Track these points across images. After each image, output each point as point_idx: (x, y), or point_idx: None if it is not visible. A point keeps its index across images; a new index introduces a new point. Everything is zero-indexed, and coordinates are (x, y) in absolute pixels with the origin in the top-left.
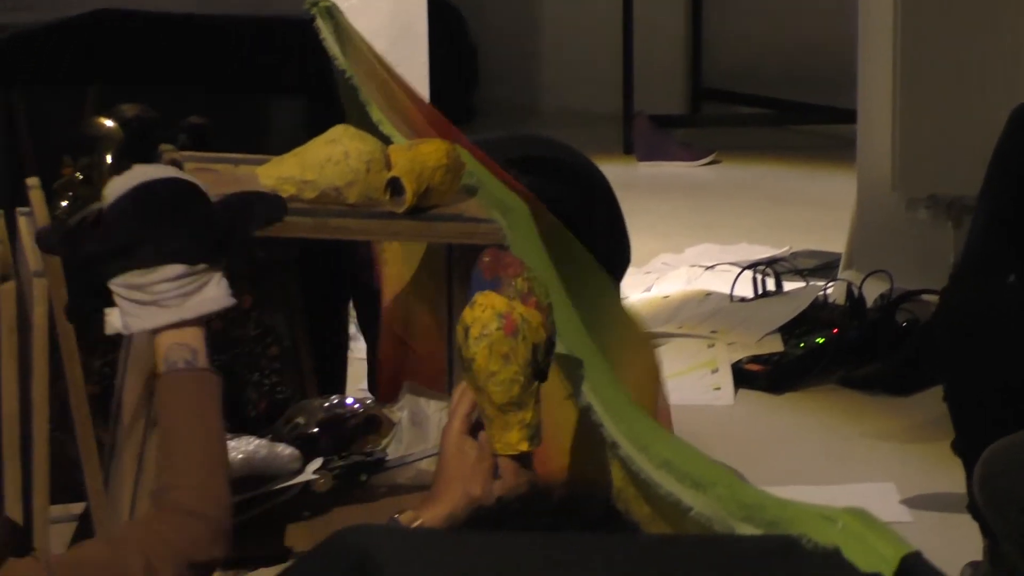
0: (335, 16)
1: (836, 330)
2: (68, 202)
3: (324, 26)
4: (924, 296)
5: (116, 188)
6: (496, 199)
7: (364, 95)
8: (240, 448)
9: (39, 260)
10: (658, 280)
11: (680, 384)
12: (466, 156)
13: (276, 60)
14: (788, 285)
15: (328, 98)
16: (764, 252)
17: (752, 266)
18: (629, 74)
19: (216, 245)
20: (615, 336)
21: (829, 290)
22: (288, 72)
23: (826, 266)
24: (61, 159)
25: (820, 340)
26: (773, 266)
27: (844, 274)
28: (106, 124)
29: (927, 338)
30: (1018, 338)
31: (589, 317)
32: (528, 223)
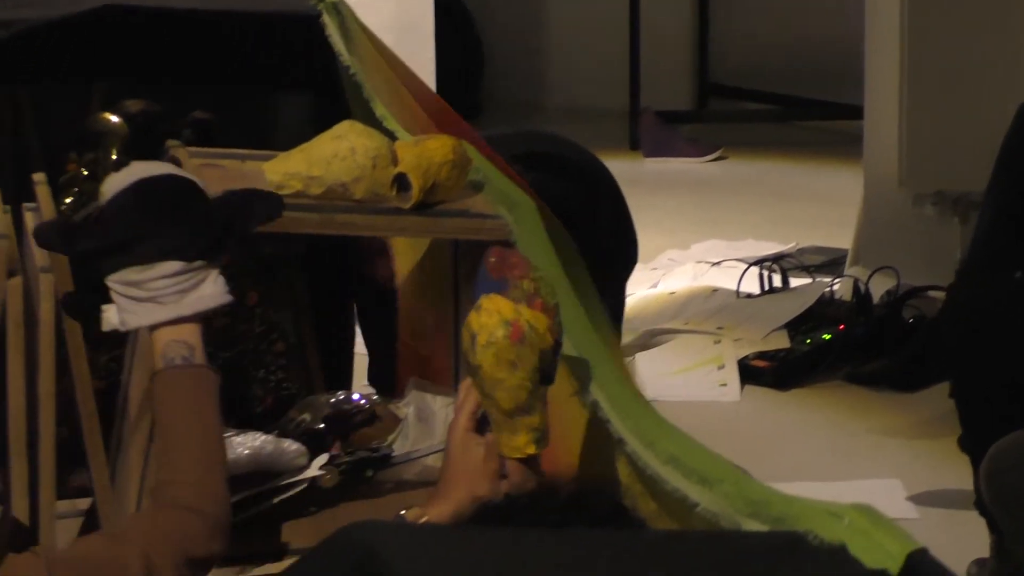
0: (342, 12)
1: (842, 326)
2: (73, 198)
3: (330, 22)
4: (931, 292)
5: (114, 185)
6: (502, 194)
7: (368, 91)
8: (246, 444)
9: (46, 256)
10: (664, 276)
11: (686, 380)
12: (472, 152)
13: (282, 56)
14: (795, 281)
15: (334, 94)
16: (770, 248)
17: (758, 262)
18: (635, 70)
19: (213, 242)
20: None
21: (835, 286)
22: (294, 68)
23: (832, 262)
24: (66, 155)
25: (826, 336)
26: (779, 262)
27: (851, 270)
28: (111, 120)
29: (934, 334)
30: None
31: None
32: (534, 218)
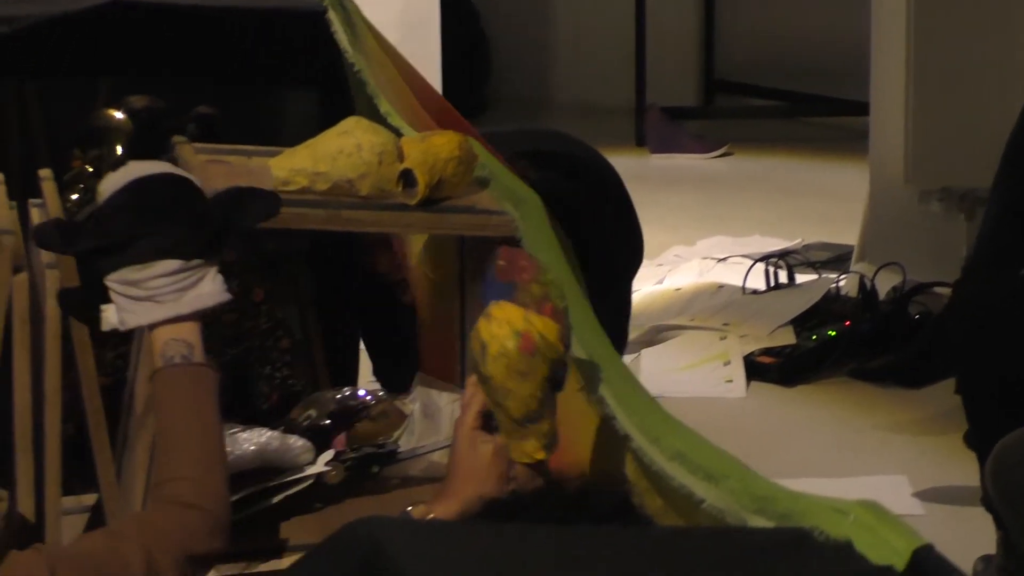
0: (347, 8)
1: (848, 322)
2: (79, 194)
3: (336, 18)
4: (937, 288)
5: (111, 184)
6: (508, 191)
7: (372, 88)
8: (252, 440)
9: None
10: (670, 272)
11: (692, 376)
12: (478, 148)
13: (288, 52)
14: (800, 277)
15: (340, 90)
16: (776, 244)
17: (764, 258)
18: (641, 66)
19: (211, 240)
20: None
21: (841, 282)
22: (300, 64)
23: (838, 258)
24: (71, 151)
25: (832, 332)
26: (785, 258)
27: (856, 266)
28: (116, 116)
29: (940, 330)
30: None
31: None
32: (540, 215)
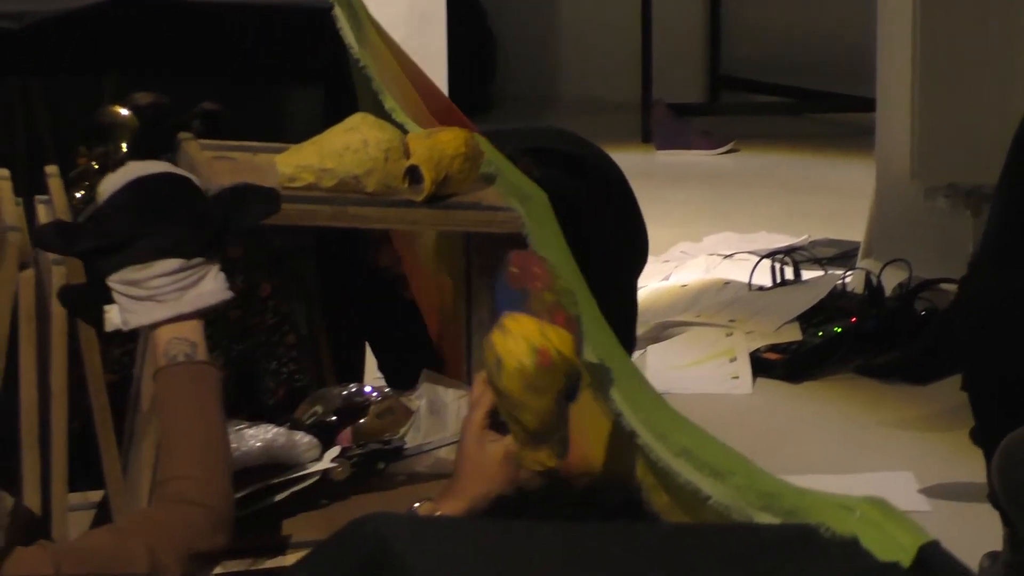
0: (353, 5)
1: (854, 319)
2: (84, 191)
3: (342, 14)
4: (943, 285)
5: (110, 185)
6: (515, 187)
7: (378, 84)
8: (258, 436)
9: None
10: (676, 269)
11: (698, 373)
12: (485, 144)
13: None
14: (807, 274)
15: (346, 87)
16: (783, 241)
17: (771, 255)
18: (648, 63)
19: (211, 239)
20: None
21: (848, 279)
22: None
23: (845, 255)
24: (77, 148)
25: (838, 329)
26: (792, 255)
27: (863, 263)
28: (121, 113)
29: (946, 327)
30: None
31: None
32: (547, 211)
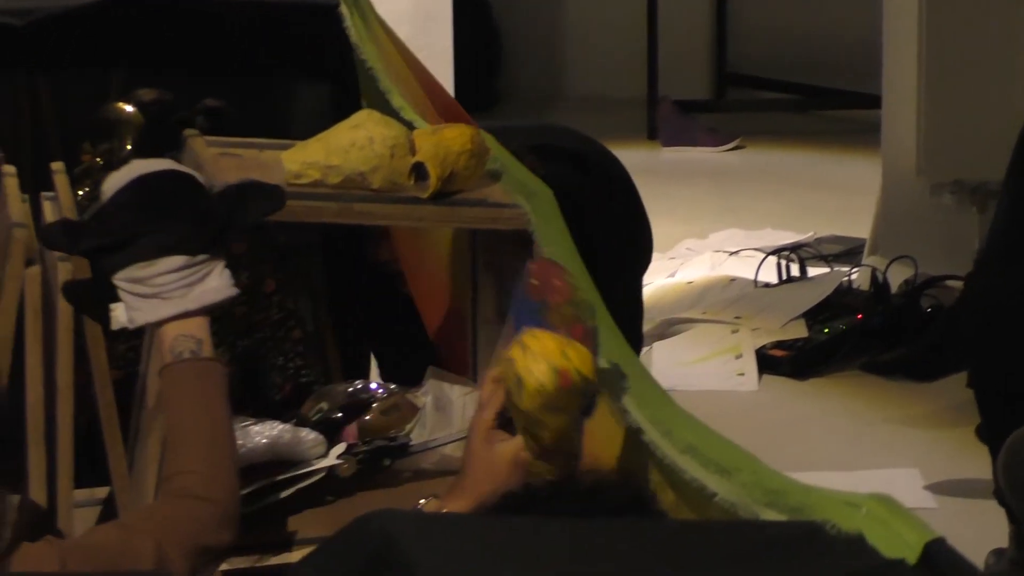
0: (360, 2)
1: (860, 316)
2: (89, 188)
3: (348, 11)
4: (949, 282)
5: (114, 183)
6: (520, 184)
7: (386, 82)
8: (264, 433)
9: None
10: (682, 266)
11: (704, 370)
12: (491, 141)
13: (301, 45)
14: (812, 271)
15: (352, 84)
16: (788, 238)
17: (776, 252)
18: (653, 59)
19: (216, 236)
20: None
21: (853, 276)
22: (312, 57)
23: (850, 252)
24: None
25: (844, 326)
26: (797, 252)
27: (868, 260)
28: (125, 109)
29: (952, 323)
30: None
31: None
32: (553, 208)
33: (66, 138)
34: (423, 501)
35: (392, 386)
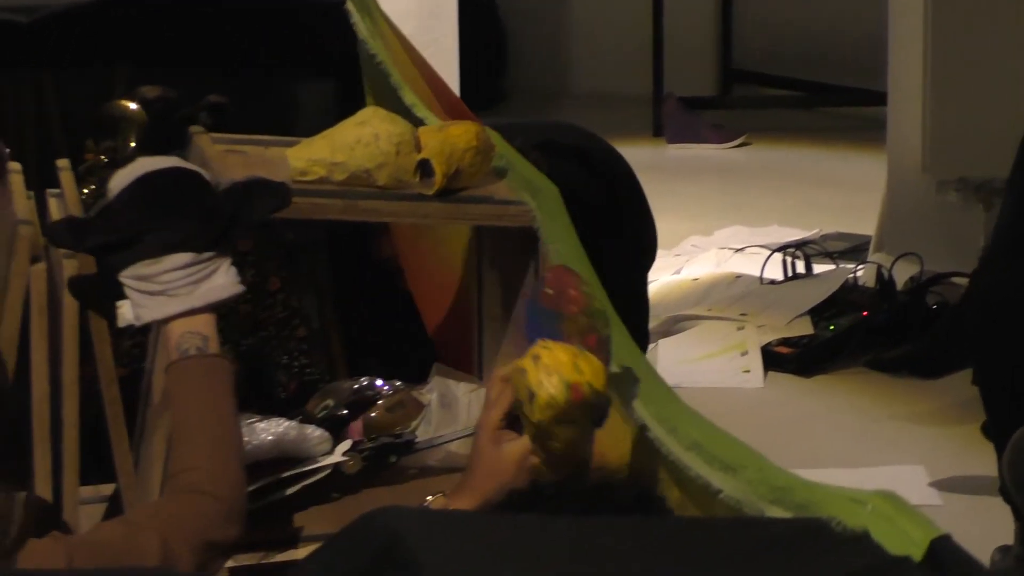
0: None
1: (866, 313)
2: (95, 186)
3: (355, 8)
4: (954, 279)
5: (120, 180)
6: (526, 181)
7: (396, 78)
8: (270, 430)
9: None
10: (687, 262)
11: (709, 367)
12: (496, 138)
13: (306, 41)
14: (818, 267)
15: (357, 80)
16: (794, 234)
17: (782, 248)
18: (659, 56)
19: (222, 233)
20: None
21: (859, 273)
22: (317, 54)
23: (856, 249)
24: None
25: (849, 323)
26: (803, 248)
27: (874, 257)
28: (128, 107)
29: (957, 320)
30: None
31: None
32: (558, 205)
33: (71, 135)
34: (430, 498)
35: (398, 383)
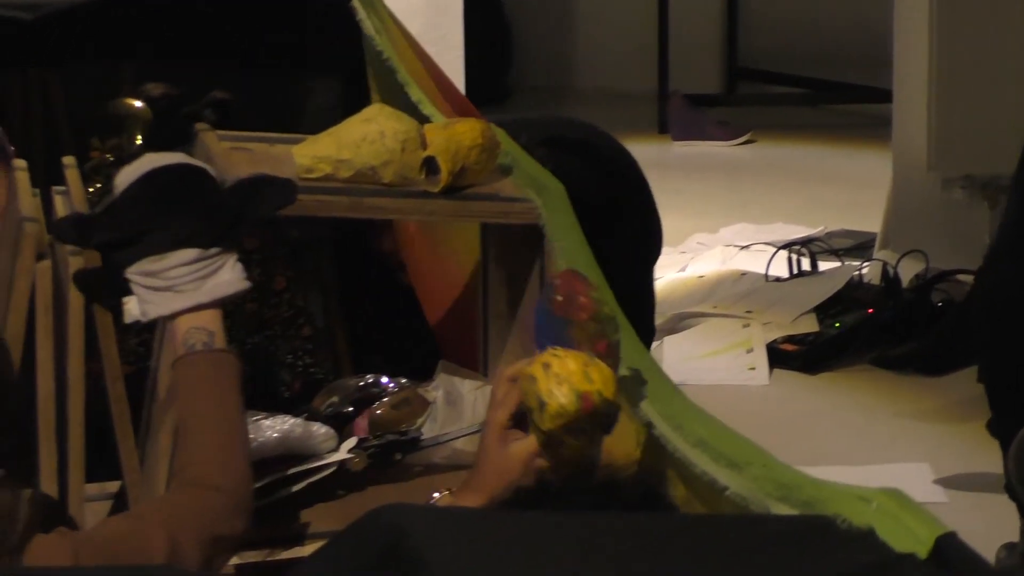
0: None
1: (871, 310)
2: (101, 183)
3: (360, 5)
4: (959, 276)
5: (126, 176)
6: (531, 178)
7: (403, 75)
8: (275, 427)
9: None
10: (693, 260)
11: (715, 364)
12: (502, 135)
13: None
14: (823, 265)
15: (363, 77)
16: (799, 232)
17: (787, 246)
18: (664, 53)
19: (228, 229)
20: None
21: (864, 270)
22: (323, 51)
23: (861, 246)
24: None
25: (855, 320)
26: (808, 246)
27: (879, 254)
28: (134, 104)
29: (962, 318)
30: None
31: None
32: (563, 202)
33: (77, 132)
34: (437, 495)
35: (403, 380)
